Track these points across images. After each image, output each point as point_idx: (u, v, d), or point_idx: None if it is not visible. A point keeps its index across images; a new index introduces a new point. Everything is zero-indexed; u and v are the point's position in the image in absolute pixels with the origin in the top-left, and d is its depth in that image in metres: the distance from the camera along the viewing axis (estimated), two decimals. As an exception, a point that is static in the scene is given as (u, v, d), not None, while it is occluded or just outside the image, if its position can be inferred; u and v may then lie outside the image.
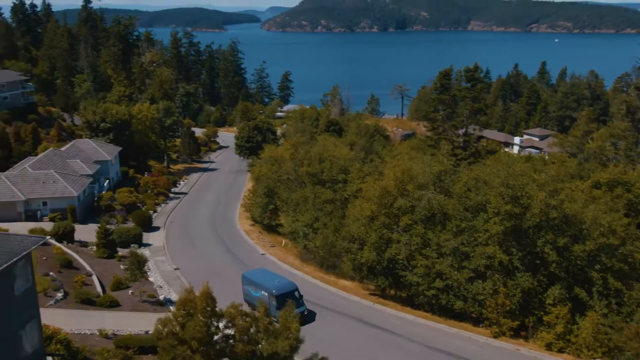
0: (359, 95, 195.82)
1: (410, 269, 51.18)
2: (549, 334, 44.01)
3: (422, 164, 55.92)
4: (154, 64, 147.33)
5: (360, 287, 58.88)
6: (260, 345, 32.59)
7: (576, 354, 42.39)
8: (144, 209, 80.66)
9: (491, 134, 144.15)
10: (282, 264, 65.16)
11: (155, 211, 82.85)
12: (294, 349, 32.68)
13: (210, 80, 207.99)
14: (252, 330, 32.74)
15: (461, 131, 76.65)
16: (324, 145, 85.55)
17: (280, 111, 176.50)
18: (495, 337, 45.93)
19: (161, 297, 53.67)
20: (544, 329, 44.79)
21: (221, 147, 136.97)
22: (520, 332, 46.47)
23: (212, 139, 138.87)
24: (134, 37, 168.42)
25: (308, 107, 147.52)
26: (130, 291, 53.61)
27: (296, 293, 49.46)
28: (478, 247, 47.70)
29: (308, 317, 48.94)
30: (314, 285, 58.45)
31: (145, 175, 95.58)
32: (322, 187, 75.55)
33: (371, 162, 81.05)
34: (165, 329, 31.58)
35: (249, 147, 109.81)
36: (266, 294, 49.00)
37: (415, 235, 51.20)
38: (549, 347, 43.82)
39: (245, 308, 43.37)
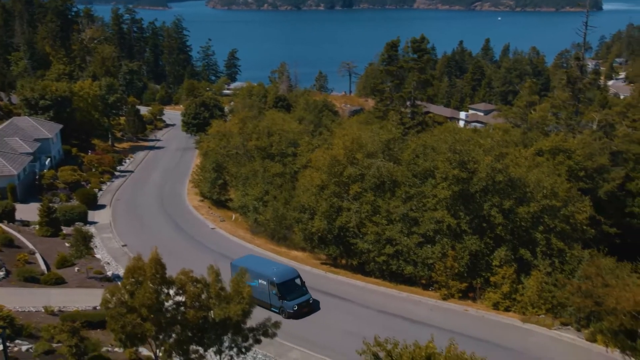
0: (306, 73, 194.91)
1: (361, 236, 51.61)
2: (496, 294, 45.26)
3: (371, 132, 56.18)
4: (95, 41, 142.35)
5: (312, 257, 59.10)
6: (212, 311, 32.26)
7: (521, 311, 43.72)
8: (88, 187, 78.46)
9: (437, 109, 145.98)
10: (233, 237, 64.72)
11: (100, 189, 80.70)
12: (247, 313, 32.44)
13: (154, 58, 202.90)
14: (203, 296, 32.33)
15: (409, 102, 77.30)
16: (272, 120, 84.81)
17: (228, 89, 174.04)
18: (444, 299, 46.93)
19: (109, 274, 52.51)
20: (490, 290, 46.03)
21: (168, 125, 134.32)
22: (468, 294, 47.64)
23: (158, 117, 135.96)
24: (73, 13, 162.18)
25: (256, 84, 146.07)
26: (76, 268, 52.23)
27: (298, 280, 46.70)
28: (427, 212, 48.43)
29: (314, 306, 46.30)
30: (266, 256, 58.20)
31: (89, 153, 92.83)
32: (272, 161, 75.12)
33: (320, 135, 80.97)
34: (114, 298, 30.84)
35: (196, 124, 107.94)
36: (264, 282, 45.79)
37: (365, 203, 51.56)
38: (495, 306, 45.08)
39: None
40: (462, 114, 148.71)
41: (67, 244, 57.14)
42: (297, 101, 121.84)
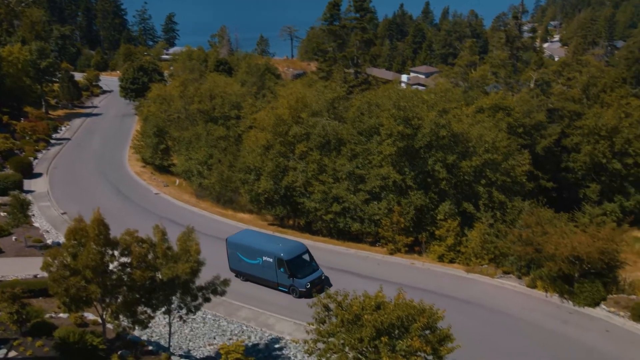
0: (247, 38, 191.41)
1: (308, 195, 51.64)
2: (441, 247, 46.31)
3: (316, 91, 55.82)
4: (22, 4, 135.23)
5: (259, 219, 58.86)
6: (159, 271, 31.71)
7: (465, 262, 44.93)
8: (22, 156, 75.28)
9: (380, 72, 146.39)
10: (178, 202, 63.66)
11: (35, 157, 77.54)
12: (195, 272, 32.04)
13: (87, 23, 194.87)
14: (149, 256, 31.71)
15: (352, 62, 77.09)
16: (214, 83, 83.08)
17: (166, 54, 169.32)
18: (391, 254, 47.70)
19: (49, 242, 50.81)
20: (435, 243, 47.04)
21: (105, 92, 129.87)
22: (414, 248, 48.54)
23: (94, 84, 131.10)
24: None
25: (195, 48, 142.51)
26: (13, 237, 50.23)
27: (306, 255, 43.07)
28: (373, 169, 48.76)
29: (326, 282, 42.93)
30: (212, 219, 57.65)
31: (22, 121, 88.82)
32: (215, 124, 73.94)
33: (264, 97, 79.96)
34: (55, 261, 29.82)
35: (134, 89, 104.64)
36: (270, 259, 41.79)
37: (311, 162, 51.48)
38: (440, 258, 46.16)
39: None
40: (404, 77, 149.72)
41: (2, 213, 54.85)
42: (239, 65, 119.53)
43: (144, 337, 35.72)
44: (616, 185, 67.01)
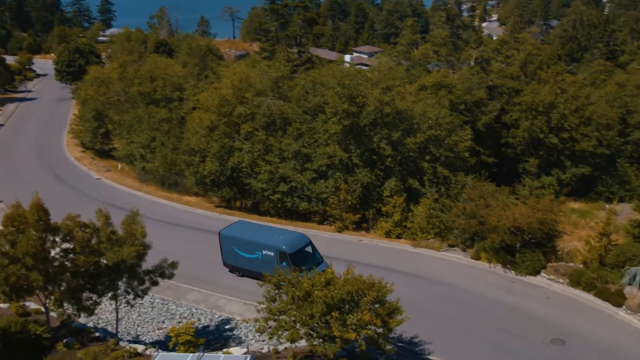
0: (187, 19, 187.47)
1: (254, 176, 51.30)
2: (387, 223, 46.89)
3: (260, 71, 55.28)
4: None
5: (205, 201, 58.18)
6: (104, 256, 30.94)
7: (412, 237, 45.69)
8: (-48, 143, 71.93)
9: (323, 52, 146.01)
10: (121, 186, 62.17)
11: (-34, 144, 74.25)
12: (141, 255, 31.41)
13: (18, 3, 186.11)
14: (93, 241, 30.90)
15: (295, 42, 76.65)
16: (155, 64, 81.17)
17: (103, 35, 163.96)
18: (339, 231, 48.01)
19: (-15, 231, 48.73)
20: (382, 219, 47.59)
21: (39, 76, 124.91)
22: (362, 225, 49.01)
23: (27, 67, 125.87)
24: None
25: (133, 30, 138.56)
26: (-54, 227, 47.99)
27: (309, 247, 40.04)
28: (319, 147, 48.81)
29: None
30: (157, 203, 56.61)
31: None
32: (157, 107, 72.41)
33: (206, 78, 78.66)
34: (-7, 249, 28.69)
35: (71, 72, 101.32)
36: (271, 253, 38.79)
37: (257, 142, 51.09)
38: (388, 234, 46.75)
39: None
40: (347, 57, 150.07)
41: None
42: (180, 46, 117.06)
43: (90, 324, 34.88)
44: (553, 159, 69.25)
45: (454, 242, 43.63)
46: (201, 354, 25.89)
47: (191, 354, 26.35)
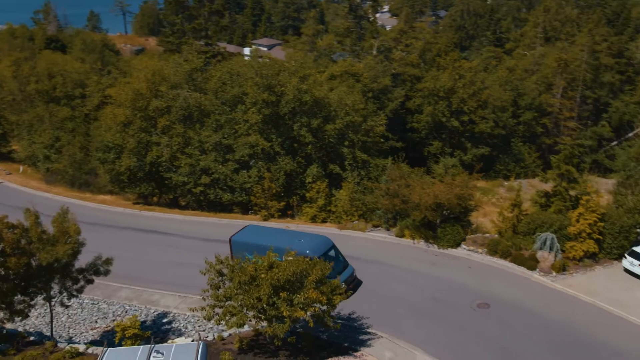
0: (76, 14, 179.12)
1: (174, 169, 50.71)
2: (312, 209, 48.03)
3: (173, 63, 54.52)
4: None
5: (121, 199, 56.69)
6: (37, 256, 29.83)
7: (337, 221, 47.11)
8: None
9: (222, 45, 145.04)
10: (27, 189, 59.09)
11: None
12: (76, 253, 30.61)
13: None
14: (23, 242, 29.73)
15: (201, 34, 75.82)
16: (51, 61, 77.54)
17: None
18: (265, 219, 48.54)
19: None
20: (307, 205, 48.69)
21: None
22: (287, 212, 49.86)
23: None
24: None
25: (18, 26, 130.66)
26: None
27: (333, 251, 37.37)
28: (240, 138, 49.05)
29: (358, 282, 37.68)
30: (71, 203, 53.86)
31: None
32: (58, 105, 69.40)
33: (109, 74, 76.24)
34: None
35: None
36: None
37: (175, 135, 50.48)
38: (313, 219, 47.88)
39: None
40: (246, 50, 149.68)
41: None
42: (73, 41, 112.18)
43: (20, 329, 33.48)
44: (455, 141, 73.43)
45: (378, 222, 45.49)
46: (152, 345, 25.75)
47: (142, 347, 26.13)
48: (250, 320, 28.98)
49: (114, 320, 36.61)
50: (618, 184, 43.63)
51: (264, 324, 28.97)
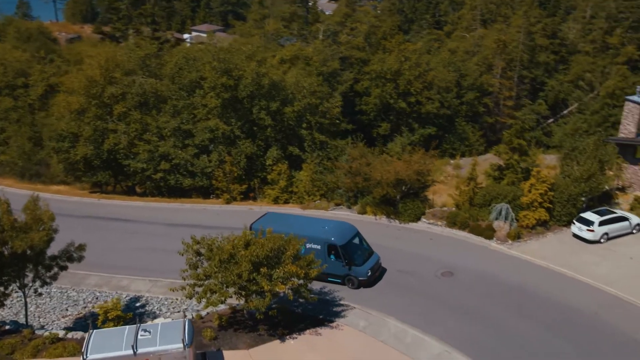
0: (3, 1, 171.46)
1: (133, 157, 50.40)
2: (274, 190, 48.85)
3: (127, 49, 53.88)
4: None
5: (76, 189, 55.79)
6: (9, 244, 29.59)
7: (299, 201, 48.17)
8: None
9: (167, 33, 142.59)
10: (-27, 182, 57.33)
11: None
12: (50, 240, 30.55)
13: None
14: (-5, 230, 29.45)
15: (150, 20, 74.74)
16: (-13, 49, 74.67)
17: None
18: (227, 203, 49.04)
19: None
20: (268, 187, 49.47)
21: None
22: (249, 194, 50.48)
23: None
24: None
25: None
26: None
27: (357, 239, 36.44)
28: (199, 122, 49.20)
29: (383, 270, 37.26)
30: (24, 195, 53.00)
31: None
32: (-1, 95, 67.20)
33: (52, 62, 74.08)
34: None
35: None
36: (318, 246, 35.08)
37: (132, 122, 50.10)
38: (276, 200, 48.71)
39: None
40: (186, 36, 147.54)
41: None
42: (5, 30, 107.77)
43: (-8, 320, 33.16)
44: (402, 122, 75.48)
45: (340, 201, 46.81)
46: (138, 325, 26.22)
47: (128, 327, 26.55)
48: (231, 297, 29.80)
49: (85, 307, 36.72)
50: (564, 155, 46.42)
51: (248, 299, 29.84)
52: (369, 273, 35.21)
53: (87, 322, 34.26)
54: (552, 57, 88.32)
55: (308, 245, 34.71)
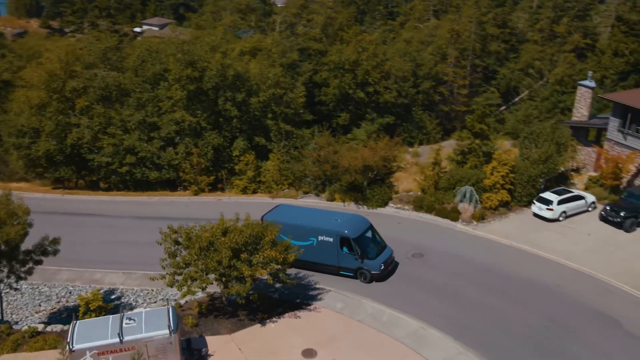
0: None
1: (97, 151, 49.90)
2: (242, 181, 49.22)
3: (87, 42, 53.14)
4: None
5: (37, 185, 54.78)
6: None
7: (267, 190, 48.69)
8: None
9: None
10: None
11: None
12: (25, 234, 30.32)
13: None
14: (-31, 226, 29.06)
15: (104, 13, 73.57)
16: None
17: None
18: (196, 194, 49.13)
19: None
20: (236, 178, 49.81)
21: None
22: (217, 185, 50.65)
23: None
24: None
25: None
26: None
27: (370, 232, 35.67)
28: (165, 115, 49.08)
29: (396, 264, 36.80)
30: None
31: None
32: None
33: (3, 57, 72.23)
34: None
35: None
36: (330, 239, 34.52)
37: (96, 116, 49.56)
38: (244, 191, 49.09)
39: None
40: (137, 29, 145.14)
41: None
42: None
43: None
44: (361, 112, 76.71)
45: (308, 189, 47.55)
46: (122, 313, 26.44)
47: (111, 316, 26.73)
48: (212, 284, 30.25)
49: (59, 302, 36.48)
50: (522, 138, 48.33)
51: (229, 284, 30.32)
52: (382, 267, 34.77)
53: (62, 317, 34.39)
54: (502, 46, 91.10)
55: (320, 238, 34.74)
